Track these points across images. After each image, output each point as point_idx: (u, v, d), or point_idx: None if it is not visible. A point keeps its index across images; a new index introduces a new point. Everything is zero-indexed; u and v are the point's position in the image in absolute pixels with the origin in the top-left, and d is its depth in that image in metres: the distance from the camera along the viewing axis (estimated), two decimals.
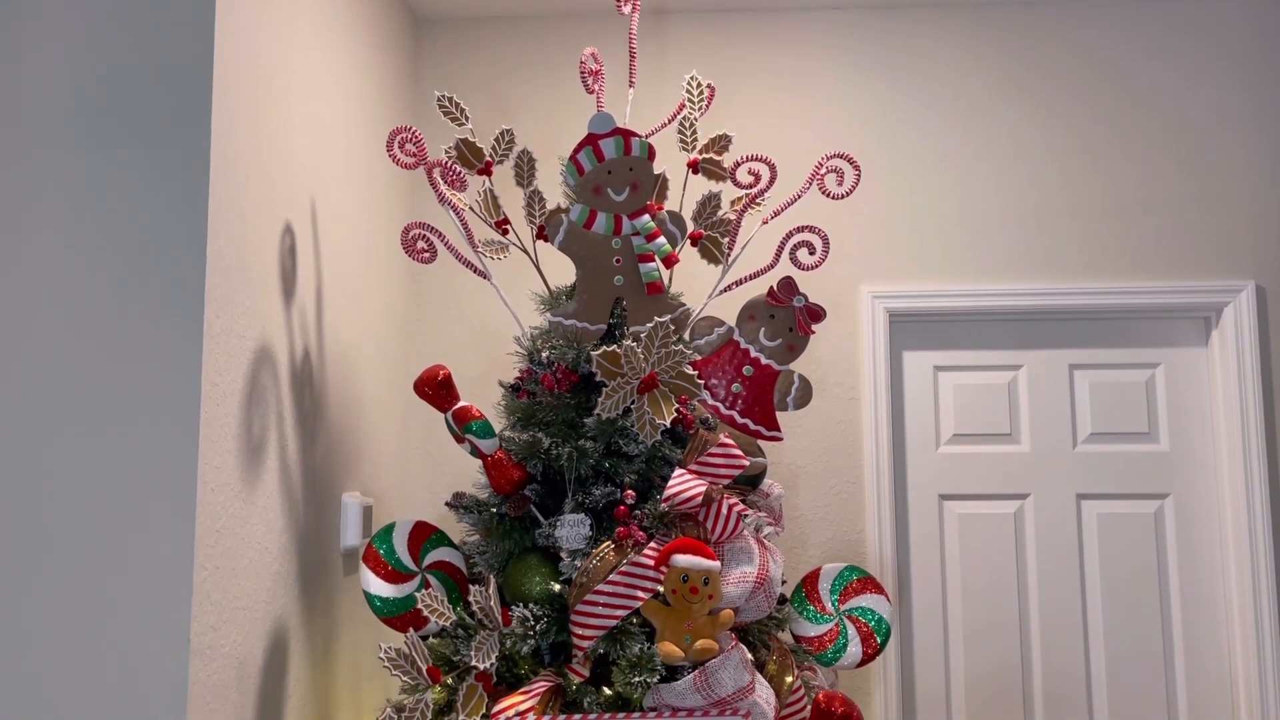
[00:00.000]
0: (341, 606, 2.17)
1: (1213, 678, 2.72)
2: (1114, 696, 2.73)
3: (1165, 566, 2.77)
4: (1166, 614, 2.75)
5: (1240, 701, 2.68)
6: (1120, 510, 2.79)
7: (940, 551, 2.81)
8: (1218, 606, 2.74)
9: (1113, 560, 2.77)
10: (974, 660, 2.76)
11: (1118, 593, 2.76)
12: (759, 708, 1.75)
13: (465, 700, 1.69)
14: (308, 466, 2.00)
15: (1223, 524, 2.75)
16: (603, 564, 1.76)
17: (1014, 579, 2.78)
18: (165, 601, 1.49)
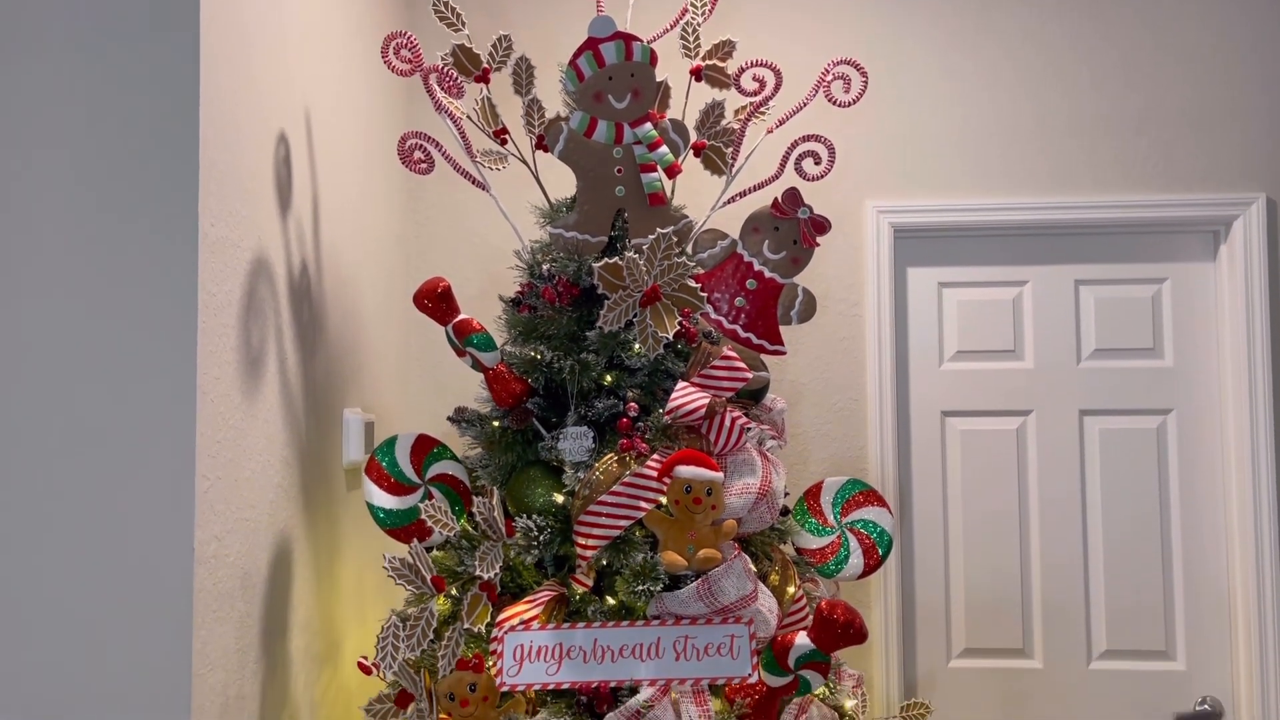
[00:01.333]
0: (345, 521, 2.18)
1: (1211, 592, 2.74)
2: (1112, 610, 2.76)
3: (1166, 482, 2.77)
4: (1166, 529, 2.77)
5: (1238, 616, 2.71)
6: (1122, 426, 2.79)
7: (942, 467, 2.81)
8: (1217, 522, 2.75)
9: (1114, 476, 2.78)
10: (974, 574, 2.79)
11: (1118, 508, 2.77)
12: (762, 616, 1.76)
13: (470, 609, 1.70)
14: (308, 381, 1.99)
15: (1225, 440, 2.75)
16: (606, 475, 1.76)
17: (1015, 494, 2.79)
18: (168, 511, 1.49)
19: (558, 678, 1.69)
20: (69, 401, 1.49)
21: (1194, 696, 2.72)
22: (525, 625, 1.70)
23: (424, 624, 1.65)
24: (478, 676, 1.67)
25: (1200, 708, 2.71)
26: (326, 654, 2.07)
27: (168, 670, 1.49)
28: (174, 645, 1.49)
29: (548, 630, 1.70)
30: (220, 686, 1.59)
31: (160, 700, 1.49)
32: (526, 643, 1.69)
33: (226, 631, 1.62)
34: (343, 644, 2.16)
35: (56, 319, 1.50)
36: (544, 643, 1.70)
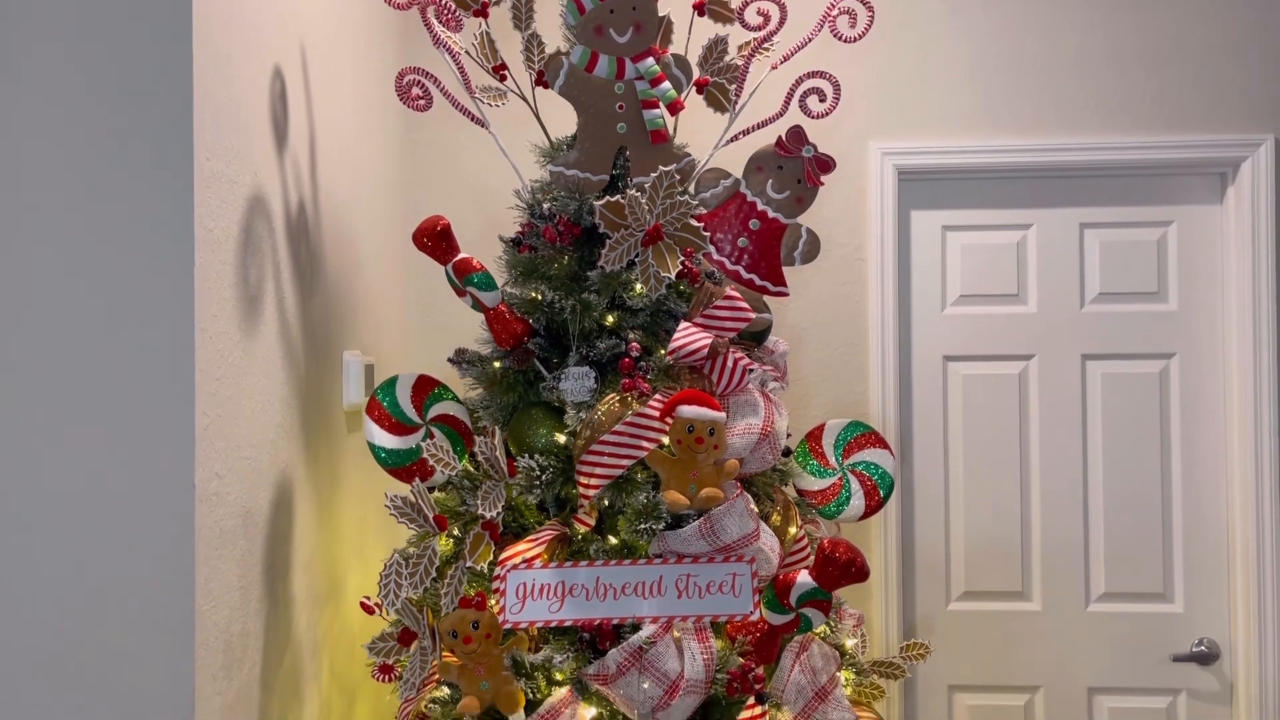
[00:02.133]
0: (346, 463, 2.18)
1: (1209, 536, 2.75)
2: (1110, 553, 2.77)
3: (1167, 427, 2.77)
4: (1166, 473, 2.77)
5: (1236, 559, 2.72)
6: (1125, 371, 2.78)
7: (943, 412, 2.81)
8: (1218, 466, 2.75)
9: (1115, 420, 2.77)
10: (974, 517, 2.79)
11: (1119, 453, 2.77)
12: (763, 554, 1.76)
13: (472, 548, 1.70)
14: (307, 321, 1.98)
15: (1227, 384, 2.74)
16: (607, 416, 1.75)
17: (1016, 439, 2.79)
18: (168, 448, 1.48)
19: (560, 615, 1.69)
20: (67, 338, 1.48)
21: (1191, 638, 2.75)
22: (527, 564, 1.70)
23: (426, 562, 1.65)
24: (480, 614, 1.68)
25: (1197, 649, 2.73)
26: (329, 594, 2.08)
27: (172, 607, 1.49)
28: (177, 582, 1.49)
29: (550, 569, 1.70)
30: (224, 624, 1.60)
31: (165, 637, 1.49)
32: (529, 581, 1.70)
33: (229, 569, 1.62)
34: (345, 584, 2.16)
35: (52, 254, 1.48)
36: (546, 581, 1.70)
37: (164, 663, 1.49)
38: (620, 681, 1.64)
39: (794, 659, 1.83)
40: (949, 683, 2.80)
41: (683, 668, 1.65)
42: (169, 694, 1.49)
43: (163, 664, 1.49)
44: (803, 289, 2.73)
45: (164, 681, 1.49)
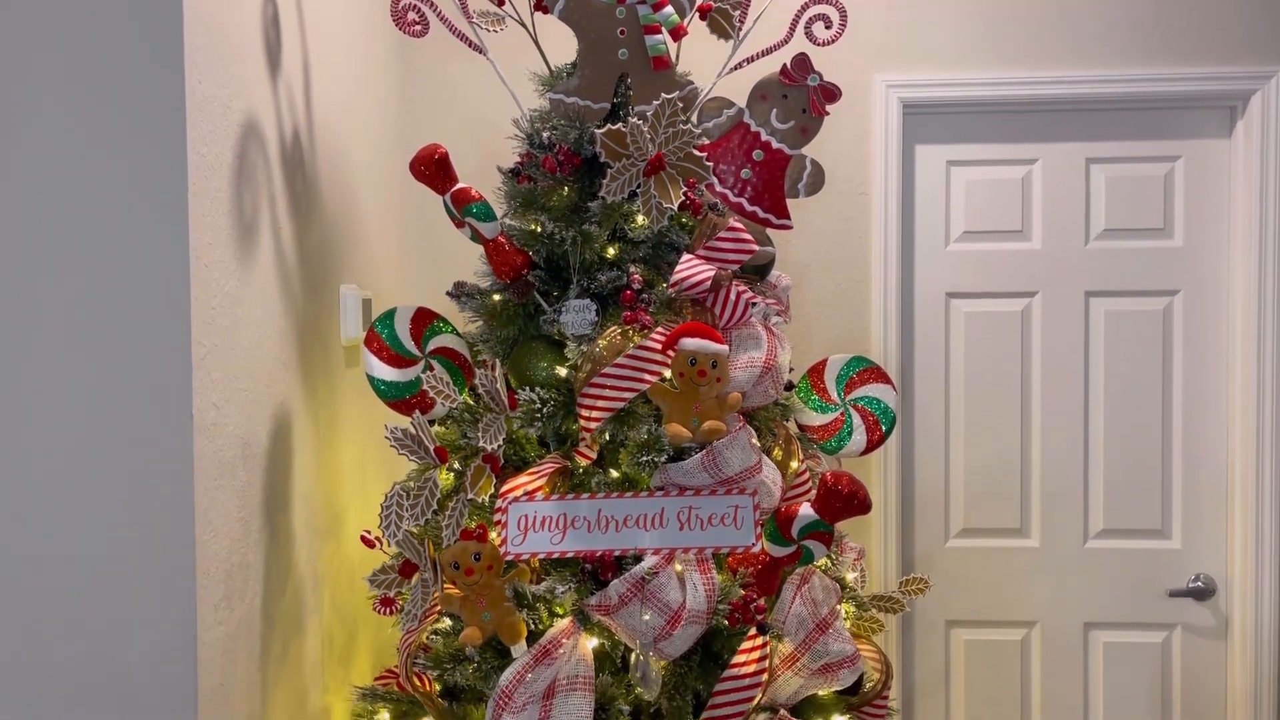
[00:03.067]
0: (344, 397, 2.16)
1: (1209, 473, 2.76)
2: (1110, 490, 2.77)
3: (1170, 364, 2.76)
4: (1168, 410, 2.76)
5: (1235, 496, 2.72)
6: (1128, 308, 2.76)
7: (945, 350, 2.79)
8: (1219, 403, 2.75)
9: (1117, 358, 2.76)
10: (974, 455, 2.79)
11: (1120, 390, 2.76)
12: (765, 487, 1.76)
13: (473, 480, 1.69)
14: (304, 253, 1.95)
15: (1231, 321, 2.73)
16: (609, 348, 1.73)
17: (1017, 377, 2.78)
18: (165, 377, 1.46)
19: (562, 547, 1.69)
20: (59, 260, 1.45)
21: (1188, 574, 2.76)
22: (529, 496, 1.69)
23: (427, 494, 1.64)
24: (482, 546, 1.67)
25: (1193, 584, 2.75)
26: (329, 528, 2.08)
27: (172, 537, 1.48)
28: (177, 512, 1.48)
29: (551, 501, 1.70)
30: (224, 554, 1.59)
31: (165, 566, 1.49)
32: (530, 513, 1.69)
33: (228, 500, 1.61)
34: (345, 518, 2.16)
35: (42, 177, 1.44)
36: (548, 513, 1.70)
37: (166, 592, 1.49)
38: (622, 612, 1.65)
39: (795, 591, 1.83)
40: (946, 618, 2.82)
41: (684, 598, 1.65)
42: (172, 623, 1.49)
43: (165, 593, 1.49)
44: (805, 225, 2.70)
45: (166, 611, 1.49)
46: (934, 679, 2.83)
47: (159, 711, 1.50)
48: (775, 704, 1.80)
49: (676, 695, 1.71)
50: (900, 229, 2.73)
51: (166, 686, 1.49)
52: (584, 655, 1.67)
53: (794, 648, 1.79)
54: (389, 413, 1.87)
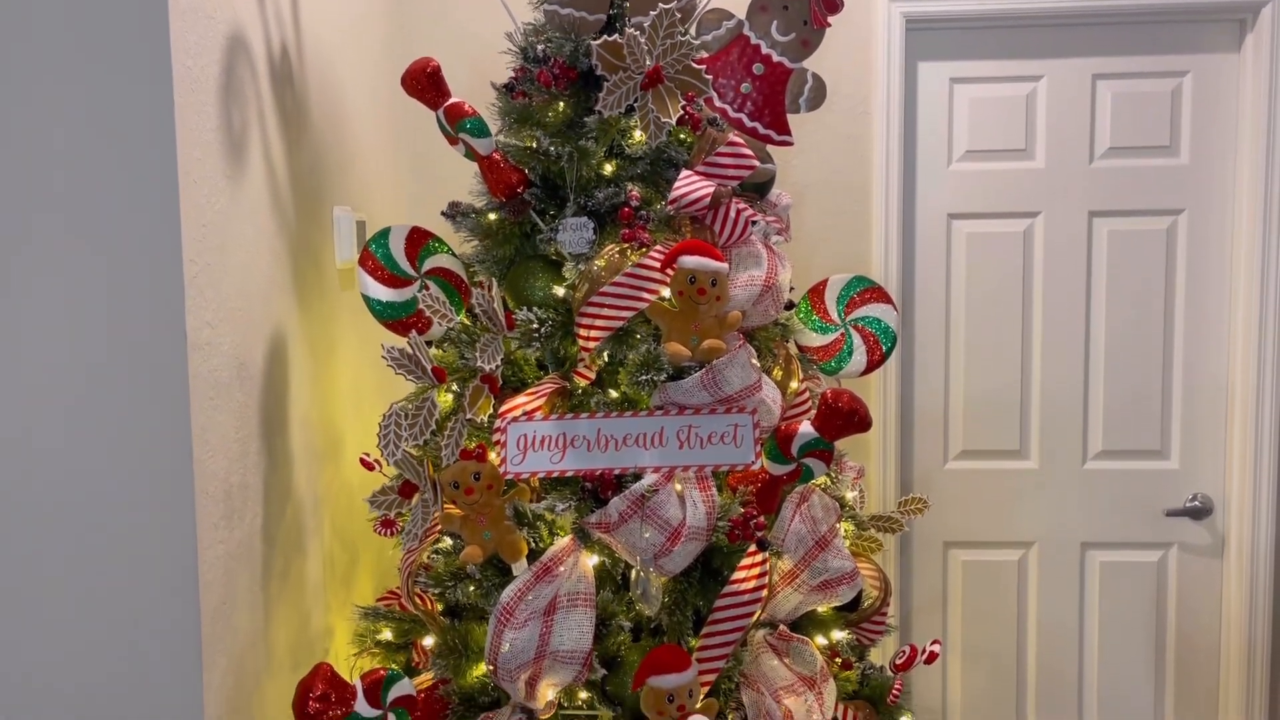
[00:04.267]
0: (340, 321, 2.14)
1: (1209, 393, 2.75)
2: (1109, 411, 2.77)
3: (1172, 284, 2.74)
4: (1169, 331, 2.75)
5: (1235, 416, 2.72)
6: (1132, 227, 2.73)
7: (946, 271, 2.77)
8: (1221, 324, 2.73)
9: (1120, 278, 2.74)
10: (974, 377, 2.79)
11: (1122, 310, 2.75)
12: (765, 405, 1.75)
13: (471, 400, 1.68)
14: (295, 173, 1.91)
15: (1235, 241, 2.70)
16: (607, 267, 1.71)
17: (1019, 298, 2.76)
18: (157, 294, 1.44)
19: (561, 466, 1.68)
20: (46, 177, 1.42)
21: (1185, 494, 2.78)
22: (528, 416, 1.68)
23: (425, 414, 1.63)
24: (481, 465, 1.67)
25: (1190, 504, 2.76)
26: (328, 451, 2.07)
27: (169, 455, 1.47)
28: (173, 431, 1.47)
29: (551, 421, 1.69)
30: (222, 474, 1.59)
31: (164, 485, 1.48)
32: (530, 433, 1.68)
33: (225, 420, 1.60)
34: (343, 441, 2.16)
35: (24, 84, 1.41)
36: (547, 433, 1.69)
37: (165, 512, 1.48)
38: (622, 529, 1.65)
39: (794, 509, 1.83)
40: (944, 539, 2.84)
41: (684, 515, 1.65)
42: (172, 542, 1.49)
43: (164, 513, 1.48)
44: (806, 145, 2.65)
45: (166, 530, 1.49)
46: (931, 599, 2.86)
47: (162, 630, 1.50)
48: (774, 620, 1.81)
49: (676, 611, 1.72)
50: (902, 148, 2.68)
51: (169, 605, 1.50)
52: (585, 572, 1.68)
53: (793, 564, 1.80)
54: (386, 336, 1.85)
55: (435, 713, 1.72)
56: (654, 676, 1.58)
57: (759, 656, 1.76)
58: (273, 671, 1.79)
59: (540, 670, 1.64)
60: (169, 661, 1.51)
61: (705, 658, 1.68)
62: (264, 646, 1.75)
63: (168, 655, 1.51)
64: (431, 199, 2.57)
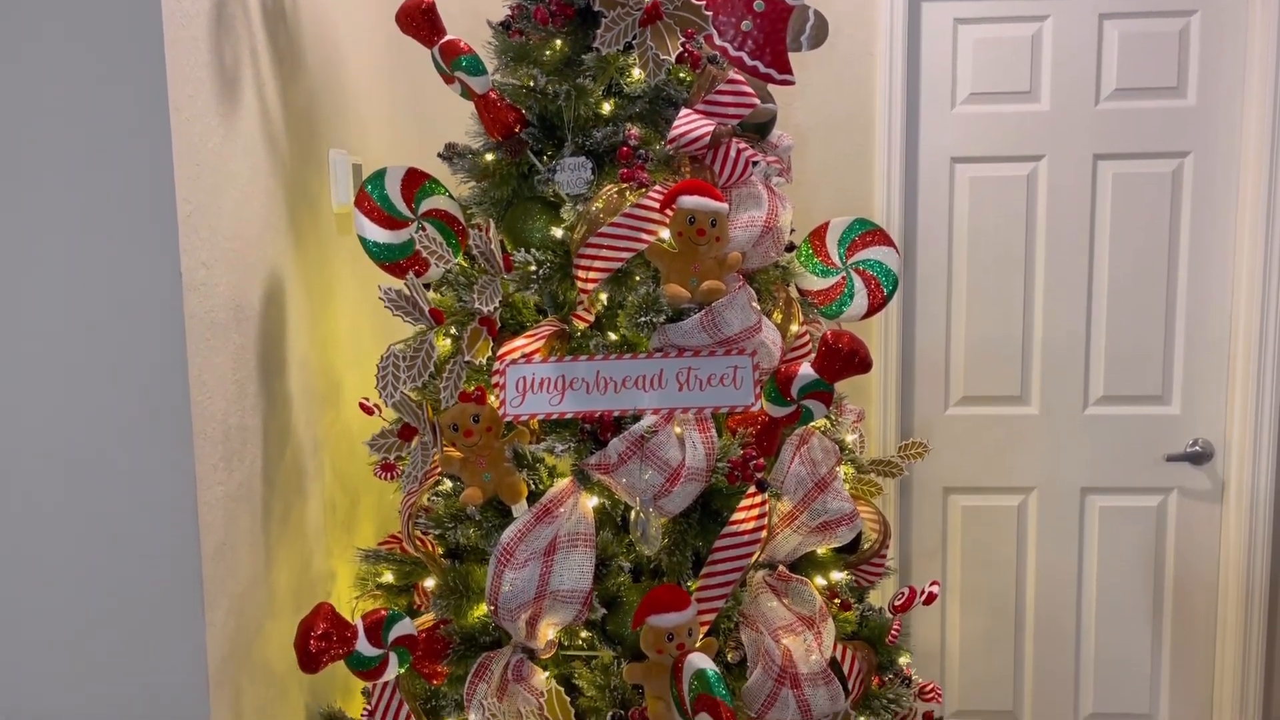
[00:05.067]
0: (338, 265, 2.13)
1: (1211, 338, 2.74)
2: (1111, 356, 2.76)
3: (1177, 228, 2.72)
4: (1173, 275, 2.73)
5: (1237, 361, 2.71)
6: (1137, 170, 2.70)
7: (949, 215, 2.75)
8: (1225, 268, 2.71)
9: (1124, 222, 2.72)
10: (975, 321, 2.77)
11: (1125, 255, 2.73)
12: (765, 347, 1.74)
13: (469, 343, 1.67)
14: (290, 113, 1.89)
15: (1242, 184, 2.67)
16: (605, 207, 1.69)
17: (1021, 242, 2.74)
18: (151, 233, 1.43)
19: (561, 408, 1.68)
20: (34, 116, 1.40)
21: (1186, 439, 2.78)
22: (526, 358, 1.67)
23: (423, 356, 1.62)
24: (480, 408, 1.66)
25: (1191, 449, 2.76)
26: (327, 395, 2.07)
27: (166, 394, 1.47)
28: (170, 372, 1.47)
29: (549, 363, 1.68)
30: (220, 415, 1.58)
31: (162, 426, 1.48)
32: (529, 375, 1.68)
33: (223, 361, 1.59)
34: (342, 386, 2.15)
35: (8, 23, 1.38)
36: (546, 375, 1.68)
37: (164, 453, 1.48)
38: (622, 470, 1.65)
39: (794, 451, 1.83)
40: (944, 485, 2.85)
41: (684, 456, 1.65)
42: (171, 483, 1.49)
43: (162, 454, 1.48)
44: (807, 87, 2.62)
45: (165, 471, 1.49)
46: (931, 544, 2.88)
47: (163, 570, 1.51)
48: (773, 561, 1.82)
49: (676, 552, 1.72)
50: (905, 90, 2.65)
51: (169, 545, 1.50)
52: (585, 513, 1.68)
53: (792, 506, 1.80)
54: (384, 281, 1.83)
55: (436, 652, 1.74)
56: (653, 615, 1.59)
57: (758, 597, 1.77)
58: (275, 613, 1.80)
59: (541, 610, 1.65)
60: (171, 601, 1.52)
61: (704, 598, 1.69)
62: (266, 589, 1.76)
63: (170, 595, 1.52)
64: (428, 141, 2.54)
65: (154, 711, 1.54)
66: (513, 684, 1.70)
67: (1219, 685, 2.83)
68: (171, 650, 1.53)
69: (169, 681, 1.53)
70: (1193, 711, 2.87)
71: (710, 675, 1.50)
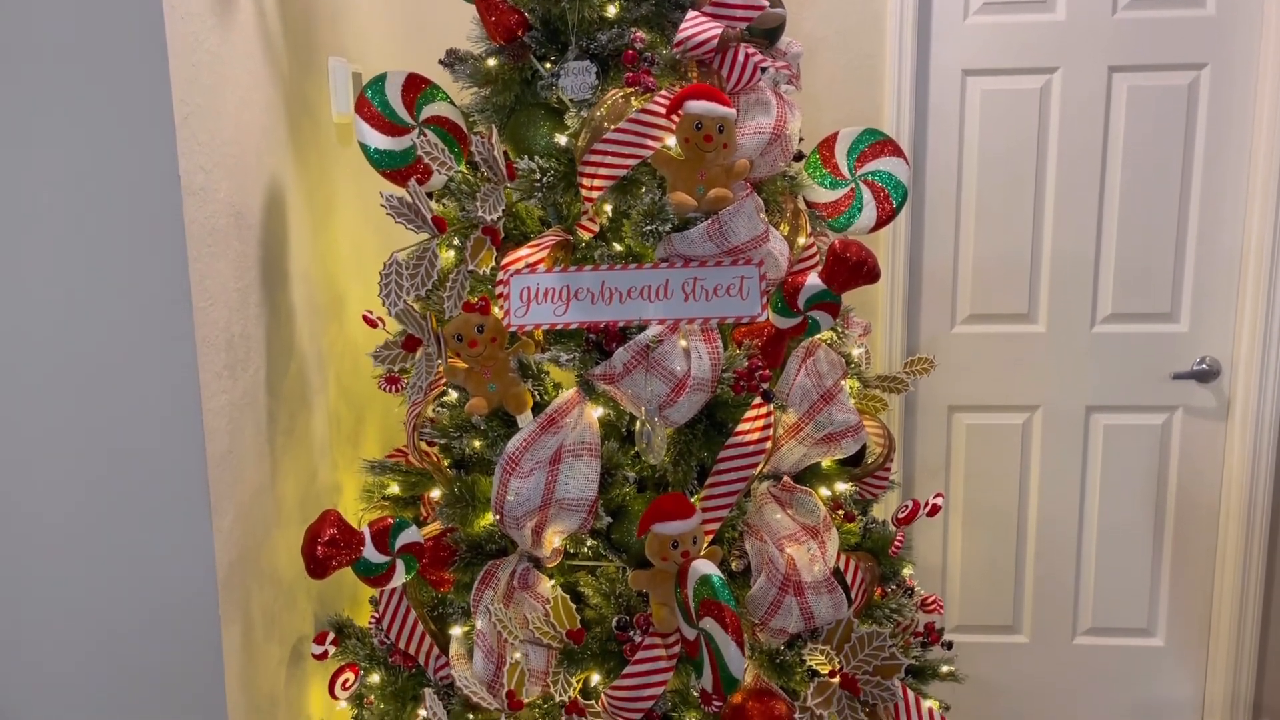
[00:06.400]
0: (340, 176, 2.10)
1: (1222, 255, 2.71)
2: (1120, 273, 2.73)
3: (1191, 142, 2.66)
4: (1186, 190, 2.69)
5: (1248, 279, 2.69)
6: (1153, 83, 2.64)
7: (959, 129, 2.70)
8: (1240, 183, 2.67)
9: (1138, 135, 2.67)
10: (984, 237, 2.74)
11: (1139, 169, 2.68)
12: (772, 257, 1.72)
13: (473, 252, 1.65)
14: (287, 18, 1.84)
15: (1259, 98, 2.61)
16: (610, 113, 1.65)
17: (1033, 156, 2.69)
18: (148, 136, 1.41)
19: (565, 318, 1.66)
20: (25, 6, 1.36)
21: (1193, 357, 2.76)
22: (531, 268, 1.66)
23: (426, 264, 1.60)
24: (485, 318, 1.65)
25: (1198, 367, 2.75)
26: (330, 310, 2.06)
27: (168, 300, 1.46)
28: (171, 275, 1.45)
29: (554, 273, 1.66)
30: (223, 323, 1.57)
31: (164, 332, 1.47)
32: (533, 285, 1.66)
33: (224, 268, 1.58)
34: (346, 300, 2.14)
35: None
36: (551, 285, 1.66)
37: (167, 358, 1.48)
38: (627, 380, 1.64)
39: (800, 363, 1.82)
40: (949, 403, 2.85)
41: (689, 367, 1.64)
42: (175, 389, 1.49)
43: (165, 359, 1.48)
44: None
45: (169, 377, 1.49)
46: (935, 462, 2.88)
47: (170, 476, 1.52)
48: (778, 472, 1.82)
49: (681, 463, 1.72)
50: (917, 0, 2.58)
51: (174, 450, 1.51)
52: (590, 423, 1.68)
53: (798, 417, 1.80)
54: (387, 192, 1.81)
55: (443, 560, 1.75)
56: (658, 523, 1.59)
57: (762, 508, 1.78)
58: (282, 523, 1.81)
59: (546, 518, 1.66)
60: (178, 506, 1.52)
61: (709, 508, 1.69)
62: (272, 498, 1.77)
63: (177, 500, 1.52)
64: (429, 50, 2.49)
65: (165, 615, 1.56)
66: (519, 592, 1.72)
67: (1217, 603, 2.86)
68: (180, 555, 1.54)
69: (179, 586, 1.55)
70: (1189, 629, 2.91)
71: (715, 580, 1.51)
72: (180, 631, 1.56)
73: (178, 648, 1.56)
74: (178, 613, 1.55)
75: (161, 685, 1.57)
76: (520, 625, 1.64)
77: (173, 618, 1.55)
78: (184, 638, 1.56)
